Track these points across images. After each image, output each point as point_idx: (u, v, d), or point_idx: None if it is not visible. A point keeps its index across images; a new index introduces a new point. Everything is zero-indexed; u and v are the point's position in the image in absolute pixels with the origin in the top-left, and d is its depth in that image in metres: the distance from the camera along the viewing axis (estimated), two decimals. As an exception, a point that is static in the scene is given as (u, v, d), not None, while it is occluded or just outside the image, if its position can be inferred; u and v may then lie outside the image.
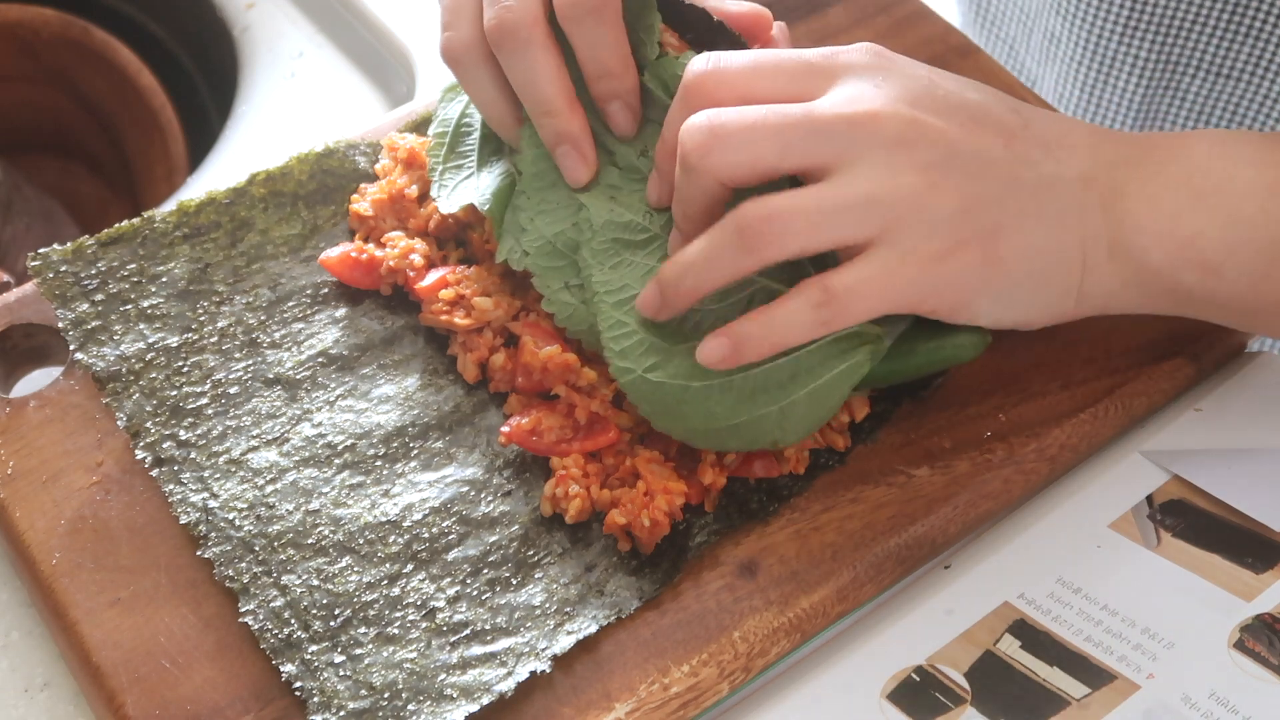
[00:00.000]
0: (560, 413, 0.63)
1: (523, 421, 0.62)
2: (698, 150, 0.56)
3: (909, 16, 0.80)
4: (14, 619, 0.63)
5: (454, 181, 0.67)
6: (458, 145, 0.68)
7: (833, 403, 0.60)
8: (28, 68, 1.11)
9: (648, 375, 0.60)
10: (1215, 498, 0.63)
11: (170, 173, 1.06)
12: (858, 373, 0.60)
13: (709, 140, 0.56)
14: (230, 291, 0.67)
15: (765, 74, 0.59)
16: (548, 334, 0.64)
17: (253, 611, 0.58)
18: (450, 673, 0.57)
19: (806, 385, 0.59)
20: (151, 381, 0.64)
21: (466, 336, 0.65)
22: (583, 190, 0.63)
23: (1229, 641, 0.58)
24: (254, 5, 0.99)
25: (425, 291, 0.66)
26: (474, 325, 0.65)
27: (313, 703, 0.56)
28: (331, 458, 0.63)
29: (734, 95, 0.58)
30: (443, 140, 0.69)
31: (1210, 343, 0.68)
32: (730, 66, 0.59)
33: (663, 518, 0.60)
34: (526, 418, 0.62)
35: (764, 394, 0.59)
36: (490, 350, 0.65)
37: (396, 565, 0.59)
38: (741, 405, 0.59)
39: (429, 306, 0.66)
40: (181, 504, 0.61)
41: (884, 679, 0.58)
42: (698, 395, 0.59)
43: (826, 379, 0.60)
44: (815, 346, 0.59)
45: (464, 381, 0.65)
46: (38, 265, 0.67)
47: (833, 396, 0.60)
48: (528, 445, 0.62)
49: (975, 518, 0.63)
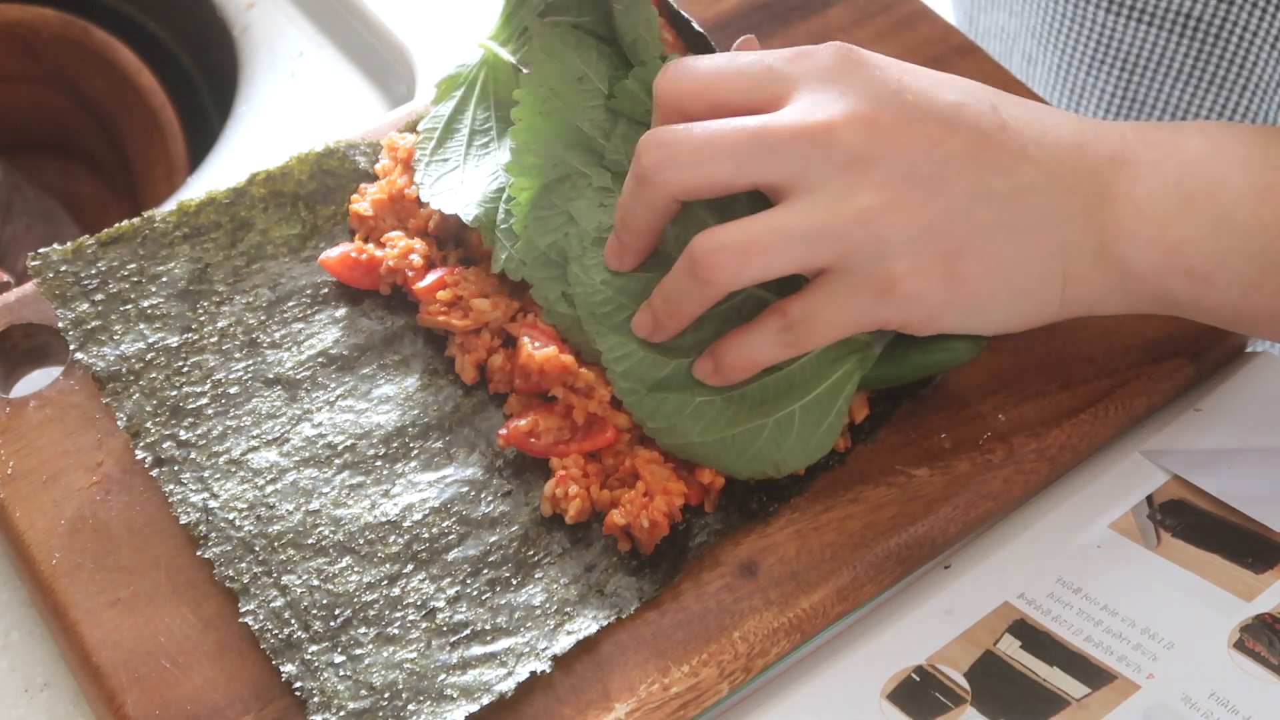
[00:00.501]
0: (558, 414, 0.63)
1: (520, 424, 0.62)
2: (653, 166, 0.57)
3: (909, 16, 0.80)
4: (14, 619, 0.63)
5: (437, 174, 0.67)
6: (446, 140, 0.68)
7: (830, 419, 0.61)
8: (28, 68, 1.11)
9: (651, 391, 0.61)
10: (1215, 498, 0.63)
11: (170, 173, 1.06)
12: (848, 382, 0.60)
13: (663, 156, 0.56)
14: (230, 291, 0.67)
15: (728, 80, 0.58)
16: (546, 335, 0.64)
17: (253, 612, 0.58)
18: (450, 673, 0.57)
19: (800, 399, 0.60)
20: (151, 381, 0.64)
21: (464, 338, 0.65)
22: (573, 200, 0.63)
23: (1229, 641, 0.58)
24: (254, 5, 0.99)
25: (423, 292, 0.66)
26: (472, 326, 0.65)
27: (313, 703, 0.56)
28: (331, 458, 0.63)
29: (700, 103, 0.58)
30: (431, 135, 0.69)
31: (1210, 343, 0.68)
32: (694, 72, 0.59)
33: (662, 519, 0.60)
34: (524, 419, 0.62)
35: (759, 407, 0.60)
36: (488, 351, 0.65)
37: (396, 565, 0.59)
38: (739, 416, 0.60)
39: (426, 307, 0.66)
40: (181, 504, 0.61)
41: (884, 679, 0.58)
42: (699, 409, 0.60)
43: (818, 391, 0.60)
44: (806, 359, 0.60)
45: (464, 382, 0.65)
46: (38, 265, 0.67)
47: (828, 411, 0.60)
48: (525, 447, 0.62)
49: (975, 518, 0.63)
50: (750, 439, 0.60)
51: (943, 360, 0.62)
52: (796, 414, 0.60)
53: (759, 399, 0.60)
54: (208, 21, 1.02)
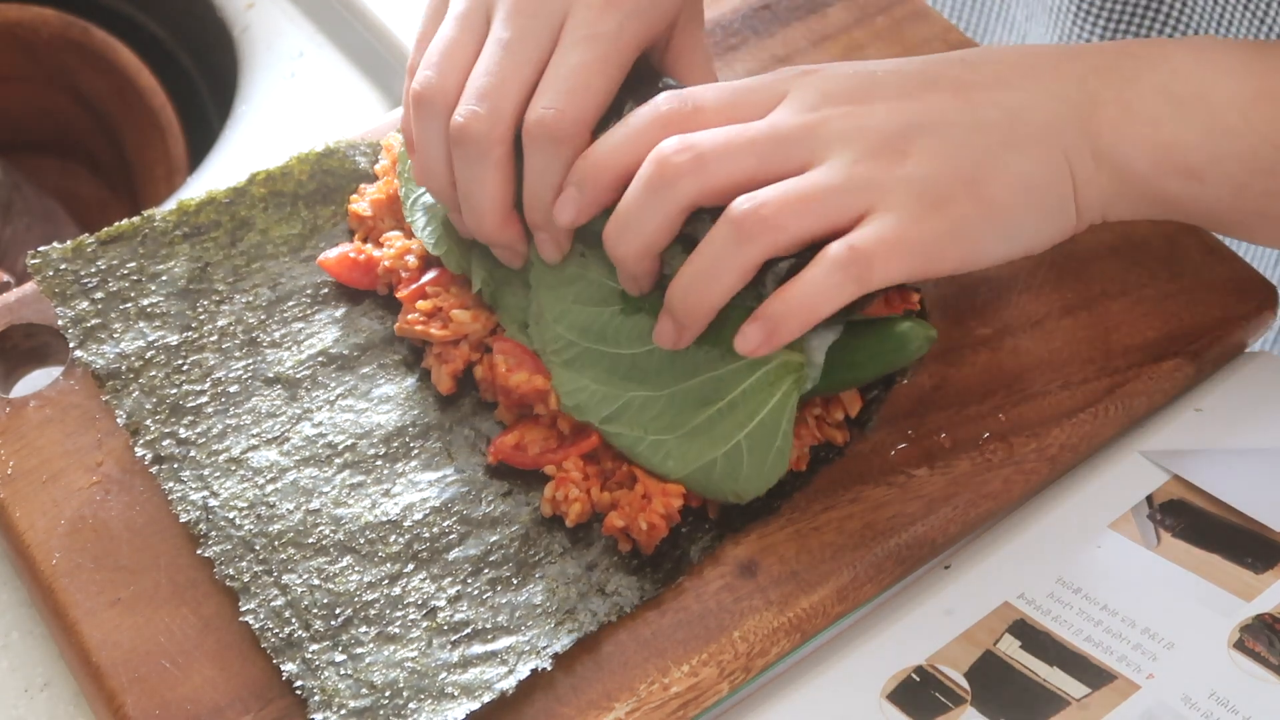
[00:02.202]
0: (544, 425, 0.63)
1: (507, 438, 0.62)
2: (680, 165, 0.57)
3: (909, 16, 0.80)
4: (14, 619, 0.63)
5: (417, 192, 0.67)
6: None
7: (778, 443, 0.60)
8: (28, 68, 1.11)
9: (605, 427, 0.61)
10: (1215, 498, 0.63)
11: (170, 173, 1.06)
12: (787, 403, 0.59)
13: (691, 156, 0.57)
14: (230, 291, 0.67)
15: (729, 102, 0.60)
16: (522, 351, 0.63)
17: (253, 610, 0.58)
18: (451, 671, 0.57)
19: (744, 427, 0.59)
20: (151, 379, 0.64)
21: (442, 348, 0.65)
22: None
23: (1229, 641, 0.58)
24: (254, 5, 0.99)
25: (405, 300, 0.66)
26: (450, 338, 0.65)
27: (313, 701, 0.56)
28: (332, 457, 0.63)
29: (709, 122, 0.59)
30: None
31: (1210, 342, 0.68)
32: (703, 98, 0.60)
33: (659, 521, 0.60)
34: (510, 434, 0.62)
35: (708, 441, 0.60)
36: (465, 363, 0.65)
37: (397, 565, 0.59)
38: (690, 455, 0.60)
39: (404, 316, 0.65)
40: (181, 502, 0.61)
41: (884, 679, 0.58)
42: (652, 446, 0.60)
43: (760, 418, 0.59)
44: (740, 380, 0.59)
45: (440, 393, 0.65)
46: (37, 263, 0.67)
47: (774, 435, 0.59)
48: (514, 460, 0.62)
49: (975, 518, 0.63)
50: (705, 474, 0.60)
51: (892, 359, 0.61)
52: (743, 445, 0.59)
53: (707, 433, 0.60)
54: (208, 21, 1.02)
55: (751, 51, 0.78)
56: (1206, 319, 0.68)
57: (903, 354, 0.61)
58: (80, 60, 1.09)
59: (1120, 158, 0.60)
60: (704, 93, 0.60)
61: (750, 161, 0.57)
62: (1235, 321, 0.68)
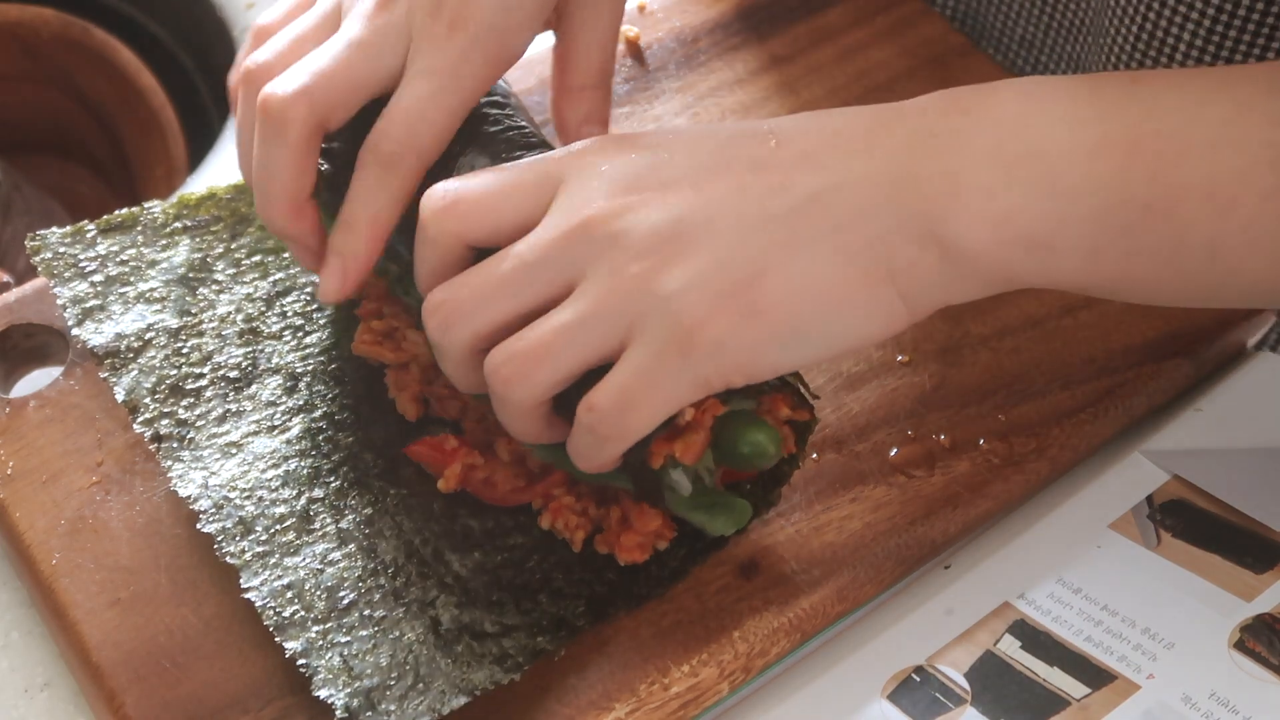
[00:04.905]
0: (512, 463, 0.61)
1: (475, 468, 0.61)
2: (441, 327, 0.55)
3: (909, 16, 0.80)
4: (14, 619, 0.63)
5: None
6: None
7: (720, 500, 0.58)
8: (28, 68, 1.11)
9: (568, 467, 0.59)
10: (1215, 498, 0.63)
11: (170, 173, 1.06)
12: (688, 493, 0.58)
13: (444, 317, 0.55)
14: (230, 281, 0.67)
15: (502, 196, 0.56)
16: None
17: (255, 588, 0.57)
18: (453, 664, 0.56)
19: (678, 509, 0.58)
20: (150, 360, 0.64)
21: (396, 374, 0.63)
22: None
23: (1229, 641, 0.58)
24: (254, 5, 0.99)
25: (362, 316, 0.64)
26: (402, 360, 0.63)
27: (318, 679, 0.55)
28: (333, 452, 0.62)
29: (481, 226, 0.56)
30: None
31: (1210, 342, 0.68)
32: (469, 194, 0.56)
33: (635, 553, 0.59)
34: (478, 462, 0.61)
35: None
36: (419, 386, 0.63)
37: (400, 558, 0.59)
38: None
39: (360, 336, 0.64)
40: (181, 480, 0.60)
41: (884, 679, 0.58)
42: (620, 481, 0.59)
43: (684, 511, 0.58)
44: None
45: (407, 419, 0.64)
46: (36, 245, 0.66)
47: (712, 500, 0.58)
48: (481, 494, 0.61)
49: (975, 518, 0.63)
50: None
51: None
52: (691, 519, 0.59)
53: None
54: (208, 21, 1.02)
55: (752, 51, 0.78)
56: (1206, 319, 0.68)
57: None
58: (80, 60, 1.10)
59: (952, 236, 0.52)
60: (470, 187, 0.56)
61: (509, 304, 0.54)
62: (1235, 321, 0.68)
